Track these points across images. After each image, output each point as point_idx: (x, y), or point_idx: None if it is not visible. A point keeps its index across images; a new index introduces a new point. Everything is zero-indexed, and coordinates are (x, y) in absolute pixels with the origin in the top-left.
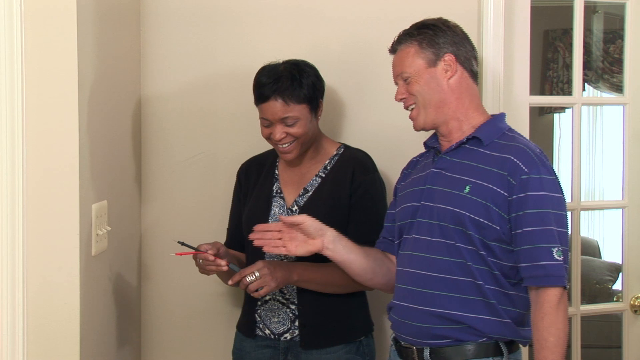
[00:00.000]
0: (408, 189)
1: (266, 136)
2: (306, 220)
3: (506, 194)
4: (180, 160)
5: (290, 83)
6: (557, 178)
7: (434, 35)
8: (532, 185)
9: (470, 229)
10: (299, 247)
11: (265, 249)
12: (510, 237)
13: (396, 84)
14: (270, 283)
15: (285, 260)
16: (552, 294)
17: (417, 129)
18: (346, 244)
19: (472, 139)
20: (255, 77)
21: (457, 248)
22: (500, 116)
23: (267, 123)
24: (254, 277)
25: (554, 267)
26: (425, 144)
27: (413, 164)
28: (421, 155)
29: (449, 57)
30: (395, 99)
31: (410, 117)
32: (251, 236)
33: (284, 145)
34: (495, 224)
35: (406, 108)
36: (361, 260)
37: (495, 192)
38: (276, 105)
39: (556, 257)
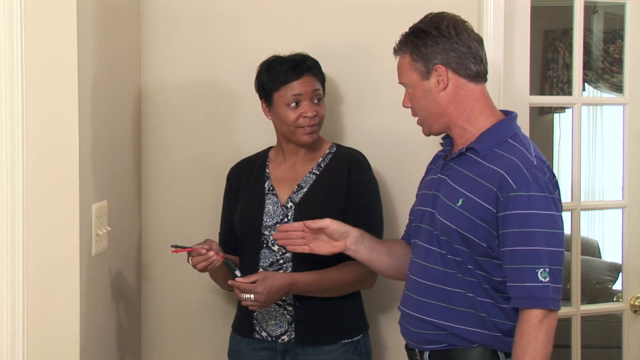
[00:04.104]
0: (422, 190)
1: (295, 119)
2: (331, 224)
3: (495, 210)
4: (180, 160)
5: (313, 61)
6: (550, 194)
7: (423, 45)
8: (519, 203)
9: (457, 243)
10: (322, 247)
11: (289, 248)
12: (499, 253)
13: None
14: (262, 305)
15: (283, 272)
16: (533, 315)
17: (425, 134)
18: (369, 243)
19: (471, 149)
20: (268, 67)
21: (448, 259)
22: (506, 121)
23: (296, 101)
24: (249, 298)
25: (537, 289)
26: (441, 143)
27: (435, 160)
28: (443, 151)
29: (439, 68)
30: (403, 106)
31: (418, 124)
32: (275, 235)
33: (313, 126)
34: (481, 241)
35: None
36: (384, 258)
37: (484, 208)
38: (309, 79)
39: (541, 278)
